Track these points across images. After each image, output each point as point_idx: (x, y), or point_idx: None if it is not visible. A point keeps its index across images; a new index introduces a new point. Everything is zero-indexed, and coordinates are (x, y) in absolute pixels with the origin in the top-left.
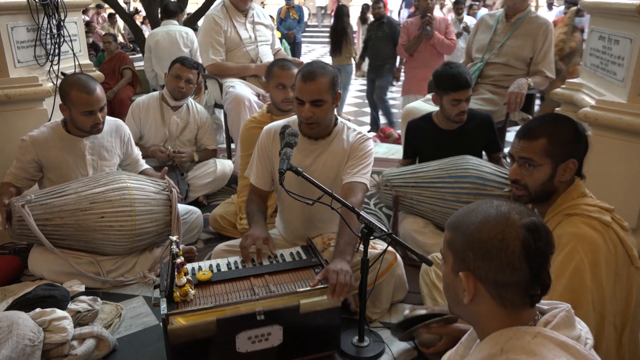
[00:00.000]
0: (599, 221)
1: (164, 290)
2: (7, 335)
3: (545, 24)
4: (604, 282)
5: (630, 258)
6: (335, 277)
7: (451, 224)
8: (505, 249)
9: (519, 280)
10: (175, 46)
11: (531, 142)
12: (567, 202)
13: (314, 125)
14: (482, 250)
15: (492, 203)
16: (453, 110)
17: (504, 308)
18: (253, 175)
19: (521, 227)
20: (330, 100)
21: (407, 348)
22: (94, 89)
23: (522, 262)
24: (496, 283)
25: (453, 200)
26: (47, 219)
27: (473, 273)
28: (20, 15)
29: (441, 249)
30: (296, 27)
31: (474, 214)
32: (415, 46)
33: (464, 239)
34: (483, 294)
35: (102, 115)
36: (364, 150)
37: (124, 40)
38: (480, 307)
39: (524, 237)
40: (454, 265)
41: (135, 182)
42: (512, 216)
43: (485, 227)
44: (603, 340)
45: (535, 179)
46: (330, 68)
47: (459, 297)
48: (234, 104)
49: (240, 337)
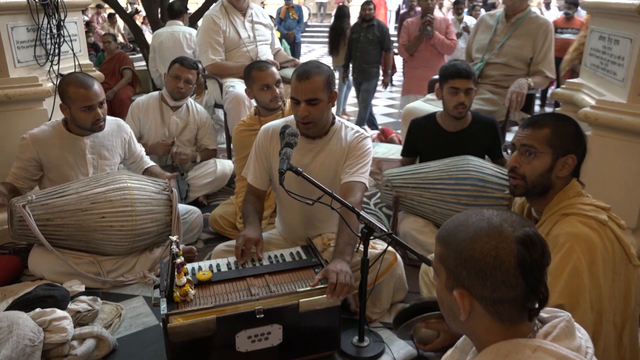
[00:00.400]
0: (596, 220)
1: (164, 290)
2: (7, 335)
3: (546, 24)
4: (601, 281)
5: (628, 256)
6: (335, 277)
7: (441, 238)
8: (500, 266)
9: (515, 296)
10: (178, 47)
11: (535, 130)
12: (564, 202)
13: (310, 124)
14: (476, 269)
15: (482, 215)
16: (451, 101)
17: (502, 323)
18: (250, 174)
19: (515, 241)
20: (326, 99)
21: (407, 348)
22: (91, 84)
23: (518, 278)
24: (492, 300)
25: (453, 202)
26: (47, 219)
27: (468, 291)
28: (20, 15)
29: (433, 263)
30: (296, 27)
31: (465, 229)
32: (415, 46)
33: (456, 255)
34: (479, 310)
35: (103, 112)
36: (362, 149)
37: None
38: (476, 323)
39: (518, 252)
40: (447, 282)
41: (135, 182)
42: (505, 229)
43: (478, 244)
44: (601, 338)
45: (534, 168)
46: (326, 67)
47: (454, 313)
48: (234, 104)
49: (240, 336)
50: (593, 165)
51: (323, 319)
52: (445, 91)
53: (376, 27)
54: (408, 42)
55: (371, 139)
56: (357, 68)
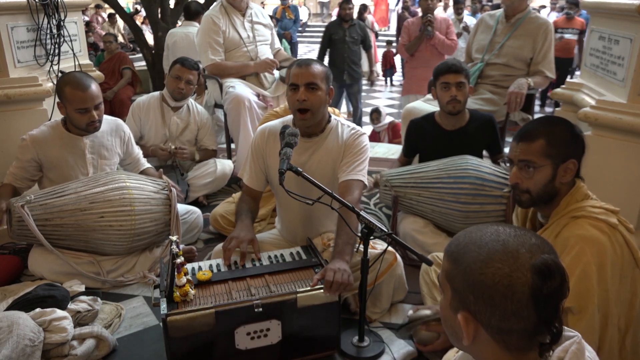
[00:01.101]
0: (606, 223)
1: (164, 290)
2: (7, 335)
3: (545, 24)
4: (609, 285)
5: (635, 260)
6: (332, 274)
7: (451, 253)
8: (512, 297)
9: (525, 328)
10: (192, 48)
11: (529, 144)
12: (572, 205)
13: (307, 113)
14: (485, 295)
15: (498, 235)
16: (444, 97)
17: (509, 352)
18: (246, 175)
19: (531, 269)
20: (324, 89)
21: (407, 348)
22: (87, 86)
23: (530, 310)
24: (499, 329)
25: (452, 200)
26: (46, 219)
27: (473, 316)
28: (20, 15)
29: (439, 276)
30: (292, 27)
31: (477, 248)
32: (415, 46)
33: (465, 277)
34: (484, 336)
35: (98, 113)
36: (359, 146)
37: (124, 40)
38: (481, 347)
39: (533, 282)
40: (452, 302)
41: (134, 181)
42: (521, 255)
43: (490, 269)
44: (606, 341)
45: (537, 181)
46: (325, 65)
47: (457, 335)
48: (234, 104)
49: (239, 332)
50: (593, 165)
51: (322, 317)
52: (438, 88)
53: (357, 26)
54: (408, 42)
55: (382, 131)
56: (346, 70)
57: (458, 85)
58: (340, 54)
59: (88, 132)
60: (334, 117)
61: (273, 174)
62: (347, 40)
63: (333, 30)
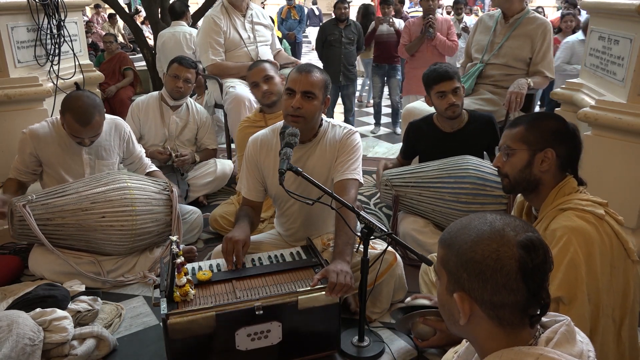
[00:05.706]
0: (593, 214)
1: (164, 290)
2: (7, 335)
3: (544, 24)
4: (598, 274)
5: (626, 251)
6: (335, 276)
7: (444, 240)
8: (501, 270)
9: (516, 301)
10: (179, 47)
11: (511, 130)
12: (560, 198)
13: (300, 119)
14: (476, 271)
15: (485, 218)
16: (442, 105)
17: (502, 328)
18: (244, 187)
19: (517, 245)
20: (321, 98)
21: (407, 348)
22: (87, 122)
23: (519, 283)
24: (492, 304)
25: (452, 200)
26: (48, 218)
27: (468, 294)
28: (20, 15)
29: (434, 266)
30: (297, 28)
31: (467, 231)
32: (416, 47)
33: (457, 258)
34: (479, 314)
35: (92, 140)
36: (352, 144)
37: (124, 40)
38: (477, 327)
39: (519, 256)
40: (448, 284)
41: (136, 181)
42: (507, 233)
43: (479, 247)
44: (599, 332)
45: (513, 165)
46: (325, 73)
47: (454, 317)
48: (234, 104)
49: (240, 334)
50: (593, 165)
51: (322, 318)
52: (433, 97)
53: (353, 26)
54: (409, 43)
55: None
56: (341, 70)
57: (454, 91)
58: (335, 55)
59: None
60: (325, 118)
61: (270, 183)
62: (342, 41)
63: (328, 30)
